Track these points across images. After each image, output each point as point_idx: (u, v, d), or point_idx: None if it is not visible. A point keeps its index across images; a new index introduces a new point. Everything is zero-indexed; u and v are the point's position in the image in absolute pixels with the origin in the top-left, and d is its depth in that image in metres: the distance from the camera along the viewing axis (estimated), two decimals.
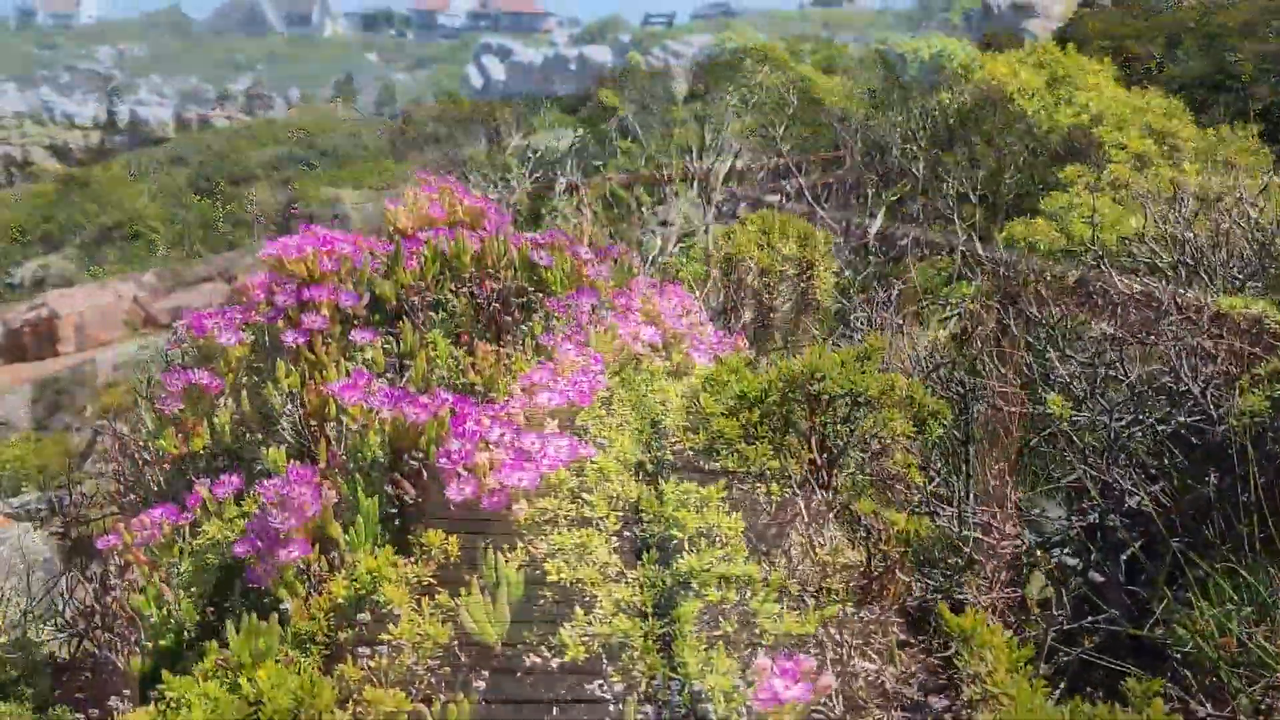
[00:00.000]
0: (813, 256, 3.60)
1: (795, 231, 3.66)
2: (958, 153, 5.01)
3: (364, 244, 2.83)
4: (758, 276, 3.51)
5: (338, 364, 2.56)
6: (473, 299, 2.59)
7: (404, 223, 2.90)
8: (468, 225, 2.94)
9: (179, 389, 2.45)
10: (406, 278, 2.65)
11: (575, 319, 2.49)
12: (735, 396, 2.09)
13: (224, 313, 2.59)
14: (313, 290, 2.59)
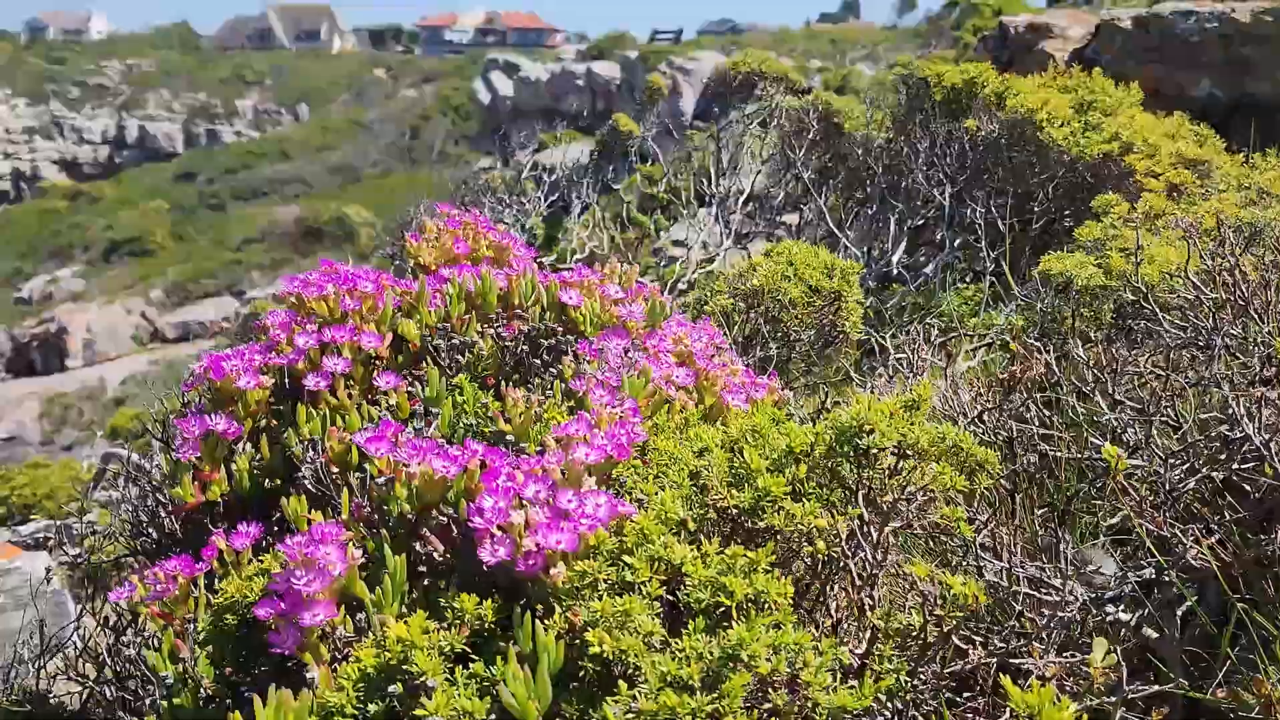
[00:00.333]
0: (841, 288, 3.51)
1: (822, 262, 3.57)
2: (985, 181, 4.91)
3: (386, 281, 2.74)
4: (786, 309, 3.42)
5: (360, 407, 2.47)
6: (500, 341, 2.50)
7: (426, 258, 2.81)
8: (492, 261, 2.86)
9: (196, 436, 2.36)
10: (431, 318, 2.57)
11: (607, 362, 2.40)
12: (781, 451, 1.99)
13: (243, 354, 2.50)
14: (334, 331, 2.50)
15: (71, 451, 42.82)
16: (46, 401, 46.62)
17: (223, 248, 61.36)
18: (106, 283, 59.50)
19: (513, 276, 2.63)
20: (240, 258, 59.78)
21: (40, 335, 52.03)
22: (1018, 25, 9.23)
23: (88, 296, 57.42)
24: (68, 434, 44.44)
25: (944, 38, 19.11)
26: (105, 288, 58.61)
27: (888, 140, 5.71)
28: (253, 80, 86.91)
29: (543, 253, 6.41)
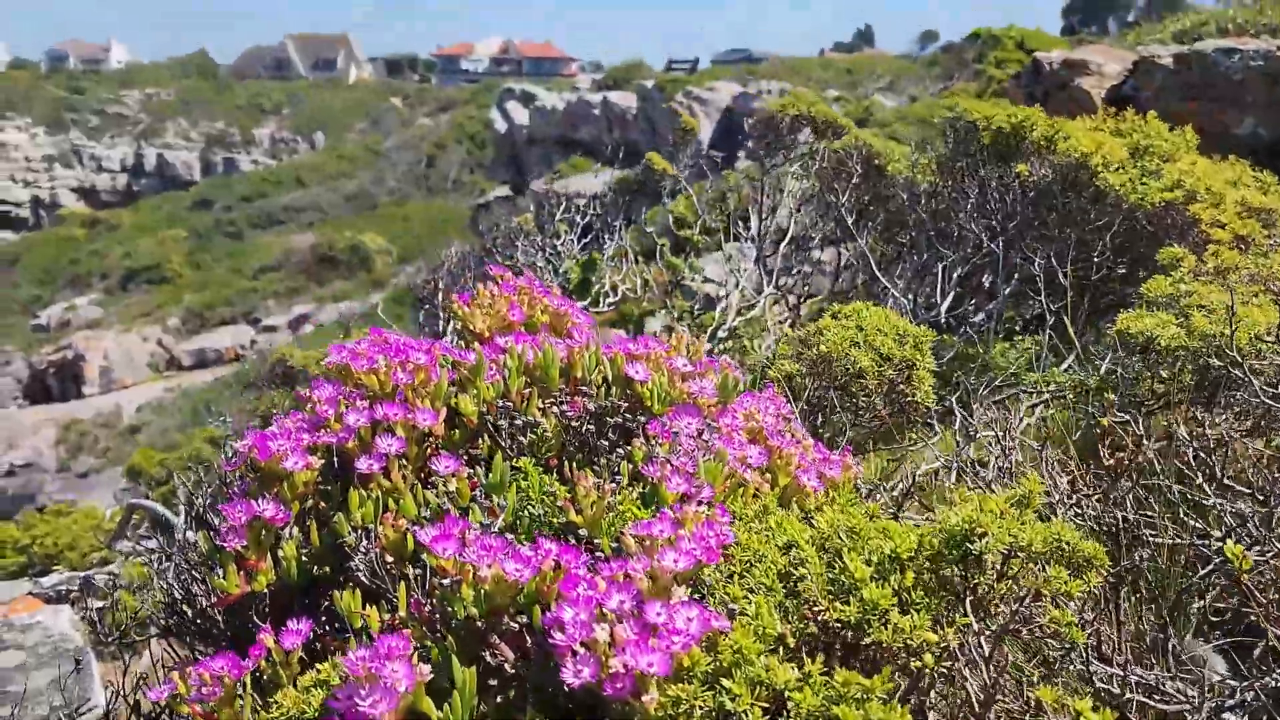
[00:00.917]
0: (913, 356, 3.33)
1: (893, 328, 3.40)
2: (1039, 228, 4.75)
3: (439, 350, 2.59)
4: (855, 379, 3.25)
5: (414, 489, 2.31)
6: (564, 419, 2.34)
7: (480, 325, 2.67)
8: (549, 328, 2.71)
9: (243, 523, 2.21)
10: (489, 393, 2.41)
11: (679, 445, 2.24)
12: (883, 556, 1.82)
13: (289, 432, 2.35)
14: (386, 408, 2.35)
15: (87, 479, 42.84)
16: (63, 429, 46.70)
17: (239, 275, 61.62)
18: (124, 310, 59.79)
19: (574, 349, 2.47)
20: (256, 285, 60.02)
21: (57, 362, 52.25)
22: (1052, 61, 9.09)
23: (105, 324, 57.68)
24: (84, 461, 44.47)
25: (966, 69, 19.01)
26: (122, 315, 58.89)
27: (933, 184, 5.56)
28: (270, 109, 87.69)
29: (577, 296, 6.27)
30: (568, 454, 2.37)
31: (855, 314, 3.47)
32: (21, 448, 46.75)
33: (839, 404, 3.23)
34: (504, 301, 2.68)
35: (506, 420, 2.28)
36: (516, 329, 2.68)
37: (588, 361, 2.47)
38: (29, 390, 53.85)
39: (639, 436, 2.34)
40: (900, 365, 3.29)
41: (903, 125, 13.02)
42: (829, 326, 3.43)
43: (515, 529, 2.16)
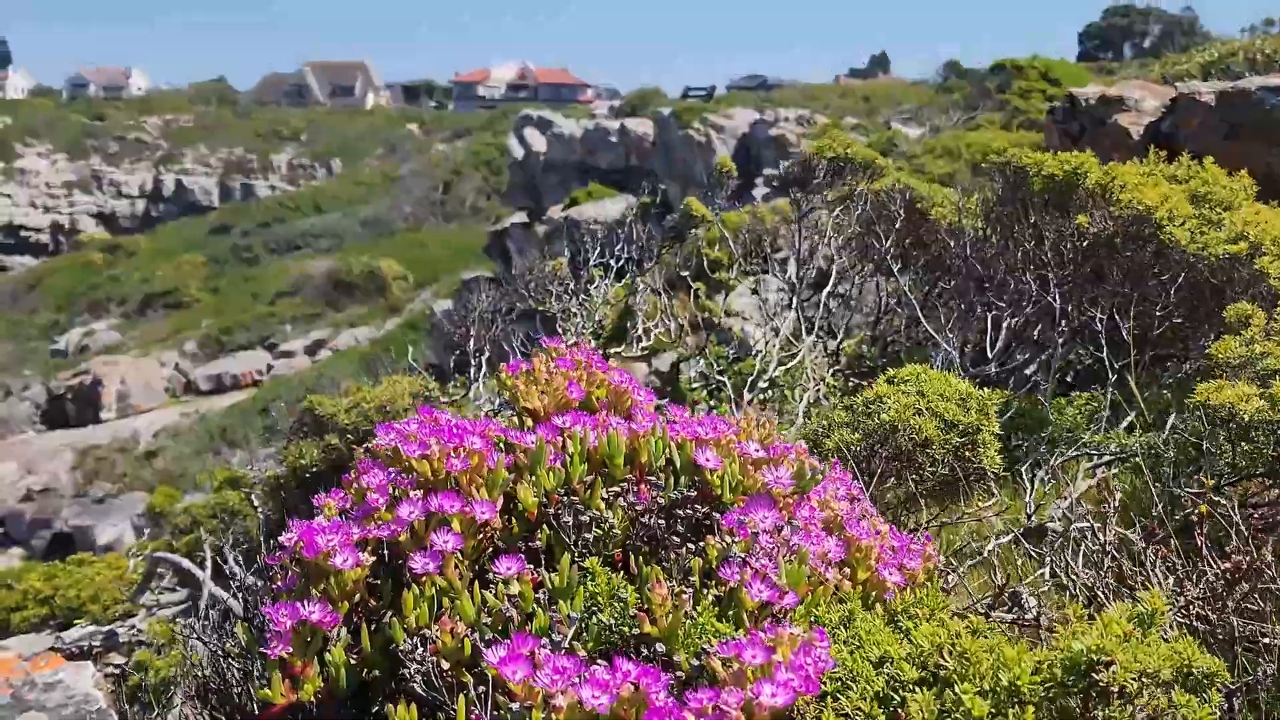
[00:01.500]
0: (979, 422, 3.17)
1: (956, 393, 3.24)
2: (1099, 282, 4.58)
3: (494, 432, 2.44)
4: (920, 449, 3.08)
5: (472, 586, 2.16)
6: (630, 511, 2.19)
7: (536, 403, 2.52)
8: (609, 406, 2.56)
9: (289, 628, 2.05)
10: (549, 481, 2.26)
11: (756, 543, 2.08)
12: (1004, 689, 1.66)
13: (339, 527, 2.20)
14: (442, 499, 2.20)
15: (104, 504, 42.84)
16: (80, 454, 46.78)
17: (256, 301, 61.86)
18: (141, 335, 60.07)
19: (639, 433, 2.32)
20: (273, 311, 60.22)
21: (75, 387, 52.46)
22: (1088, 97, 8.94)
23: (123, 349, 57.94)
24: (100, 486, 44.52)
25: (989, 100, 18.89)
26: (140, 340, 59.15)
27: (982, 231, 5.41)
28: (288, 135, 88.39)
29: (612, 343, 6.15)
30: (634, 548, 2.22)
31: (915, 378, 3.31)
32: (39, 473, 46.87)
33: (903, 475, 3.07)
34: (561, 378, 2.53)
35: (571, 515, 2.13)
36: (573, 407, 2.53)
37: (654, 447, 2.31)
38: (47, 415, 54.07)
39: (711, 532, 2.18)
40: (965, 431, 3.12)
41: (930, 158, 12.90)
42: (888, 393, 3.27)
43: (582, 635, 2.01)
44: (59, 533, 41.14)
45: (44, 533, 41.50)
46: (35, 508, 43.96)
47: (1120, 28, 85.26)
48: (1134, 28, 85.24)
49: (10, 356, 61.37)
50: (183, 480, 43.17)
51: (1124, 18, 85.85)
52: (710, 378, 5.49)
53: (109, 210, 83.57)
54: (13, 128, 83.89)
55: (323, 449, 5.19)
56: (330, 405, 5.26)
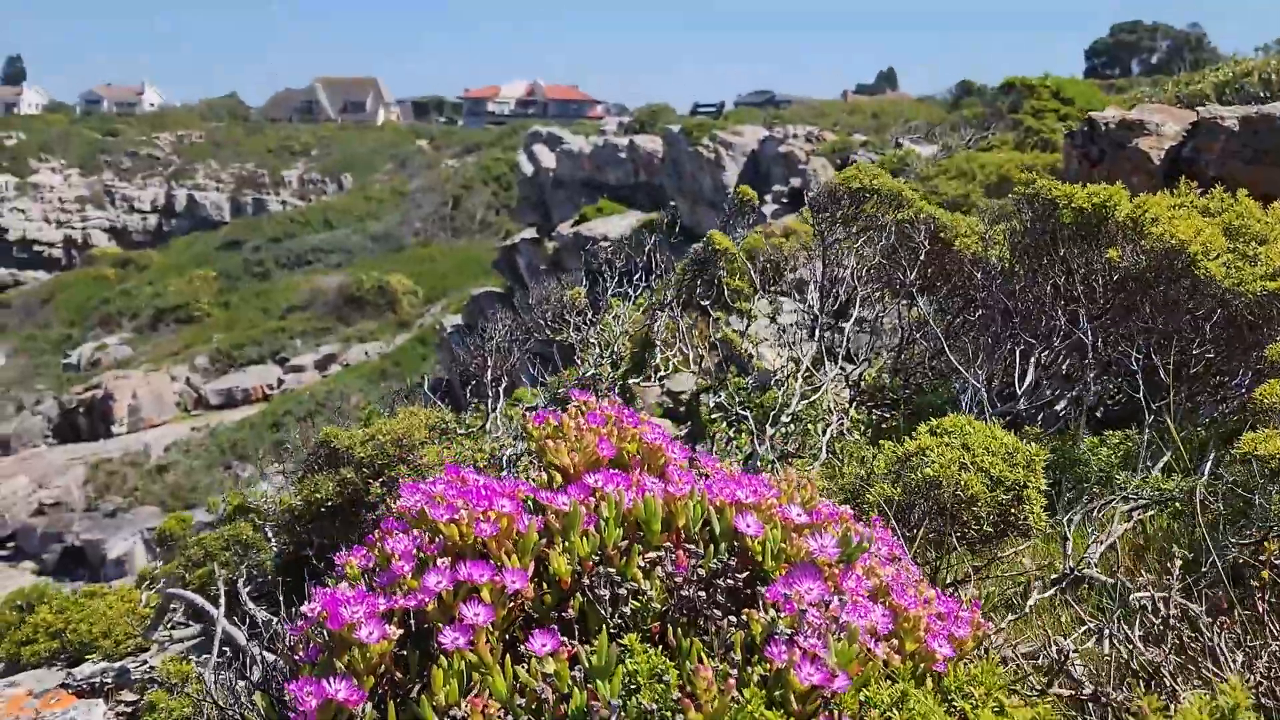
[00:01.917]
0: (1026, 478, 3.06)
1: (1002, 447, 3.13)
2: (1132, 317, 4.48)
3: (523, 491, 2.35)
4: (965, 507, 2.98)
5: (503, 661, 2.07)
6: (669, 581, 2.10)
7: (566, 461, 2.43)
8: (641, 463, 2.47)
9: (313, 709, 1.96)
10: (584, 548, 2.17)
11: (803, 619, 1.98)
12: None
13: (364, 597, 2.11)
14: (471, 568, 2.11)
15: (115, 518, 42.86)
16: (91, 468, 46.85)
17: (267, 315, 62.00)
18: (153, 349, 60.24)
19: (677, 497, 2.23)
20: (284, 325, 60.34)
21: (86, 401, 52.60)
22: (1108, 121, 8.85)
23: (134, 363, 58.10)
24: (111, 500, 44.56)
25: (1001, 119, 18.80)
26: (151, 354, 59.32)
27: (1004, 260, 5.31)
28: (299, 151, 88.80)
29: (631, 374, 6.07)
30: (672, 619, 2.12)
31: (958, 429, 3.19)
32: (50, 487, 46.96)
33: (945, 531, 2.96)
34: (592, 435, 2.44)
35: (608, 587, 2.04)
36: (604, 464, 2.44)
37: (692, 511, 2.22)
38: (59, 429, 54.24)
39: (752, 602, 2.09)
40: (1011, 487, 3.01)
41: (943, 179, 12.82)
42: (930, 445, 3.15)
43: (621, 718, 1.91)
44: (70, 547, 41.21)
45: (55, 546, 41.57)
46: (46, 522, 44.03)
47: (1127, 44, 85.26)
48: (1141, 44, 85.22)
49: (23, 370, 61.63)
50: (193, 495, 43.24)
51: (1131, 34, 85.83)
52: (731, 409, 5.40)
53: (121, 225, 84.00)
54: (27, 143, 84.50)
55: (338, 482, 5.11)
56: (346, 438, 5.19)
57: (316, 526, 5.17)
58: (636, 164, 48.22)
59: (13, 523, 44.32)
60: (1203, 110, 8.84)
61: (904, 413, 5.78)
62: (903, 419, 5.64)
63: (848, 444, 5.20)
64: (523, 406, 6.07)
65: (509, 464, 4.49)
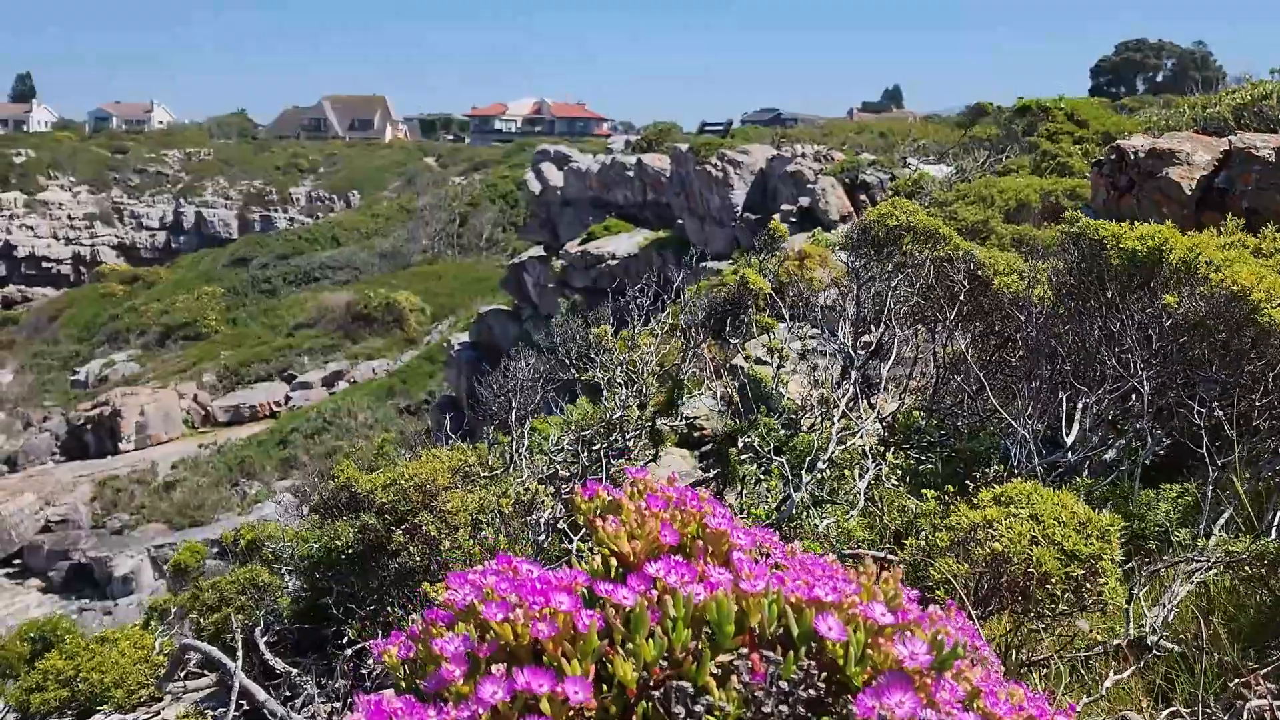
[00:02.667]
0: (1101, 550, 2.88)
1: (1074, 518, 2.95)
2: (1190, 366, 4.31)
3: (580, 584, 2.18)
4: (1038, 585, 2.80)
5: None
6: (746, 691, 1.92)
7: (624, 548, 2.25)
8: (705, 550, 2.30)
9: None
10: (650, 652, 1.99)
11: None
12: None
13: (413, 709, 1.95)
14: (530, 676, 1.94)
15: (121, 535, 42.71)
16: (98, 485, 46.74)
17: (274, 332, 62.00)
18: (161, 366, 60.26)
19: (750, 594, 2.05)
20: (291, 342, 60.32)
21: (94, 418, 52.57)
22: (1137, 150, 8.71)
23: (142, 380, 58.09)
24: (118, 518, 44.44)
25: (1017, 142, 18.67)
26: (159, 371, 59.32)
27: (1052, 303, 5.14)
28: (307, 168, 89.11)
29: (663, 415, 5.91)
30: None
31: (1025, 498, 3.01)
32: (58, 504, 46.90)
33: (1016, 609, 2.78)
34: (654, 520, 2.27)
35: (681, 704, 1.86)
36: (665, 551, 2.27)
37: (768, 611, 2.05)
38: (66, 446, 54.24)
39: (833, 712, 1.91)
40: (1085, 560, 2.83)
41: (962, 205, 12.66)
42: (997, 516, 2.97)
43: None
44: (77, 564, 41.09)
45: (62, 564, 41.48)
46: (53, 539, 43.95)
47: (1133, 62, 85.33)
48: (1146, 62, 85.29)
49: (31, 387, 61.71)
50: (200, 512, 43.10)
51: (1137, 52, 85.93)
52: (761, 452, 5.23)
53: (129, 242, 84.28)
54: (36, 160, 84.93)
55: (359, 529, 4.95)
56: (367, 482, 5.03)
57: (336, 574, 5.00)
58: (644, 182, 48.17)
59: (20, 540, 44.23)
60: (1235, 139, 8.70)
61: (940, 455, 5.61)
62: (940, 462, 5.47)
63: (885, 490, 5.03)
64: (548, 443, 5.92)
65: (549, 529, 4.32)
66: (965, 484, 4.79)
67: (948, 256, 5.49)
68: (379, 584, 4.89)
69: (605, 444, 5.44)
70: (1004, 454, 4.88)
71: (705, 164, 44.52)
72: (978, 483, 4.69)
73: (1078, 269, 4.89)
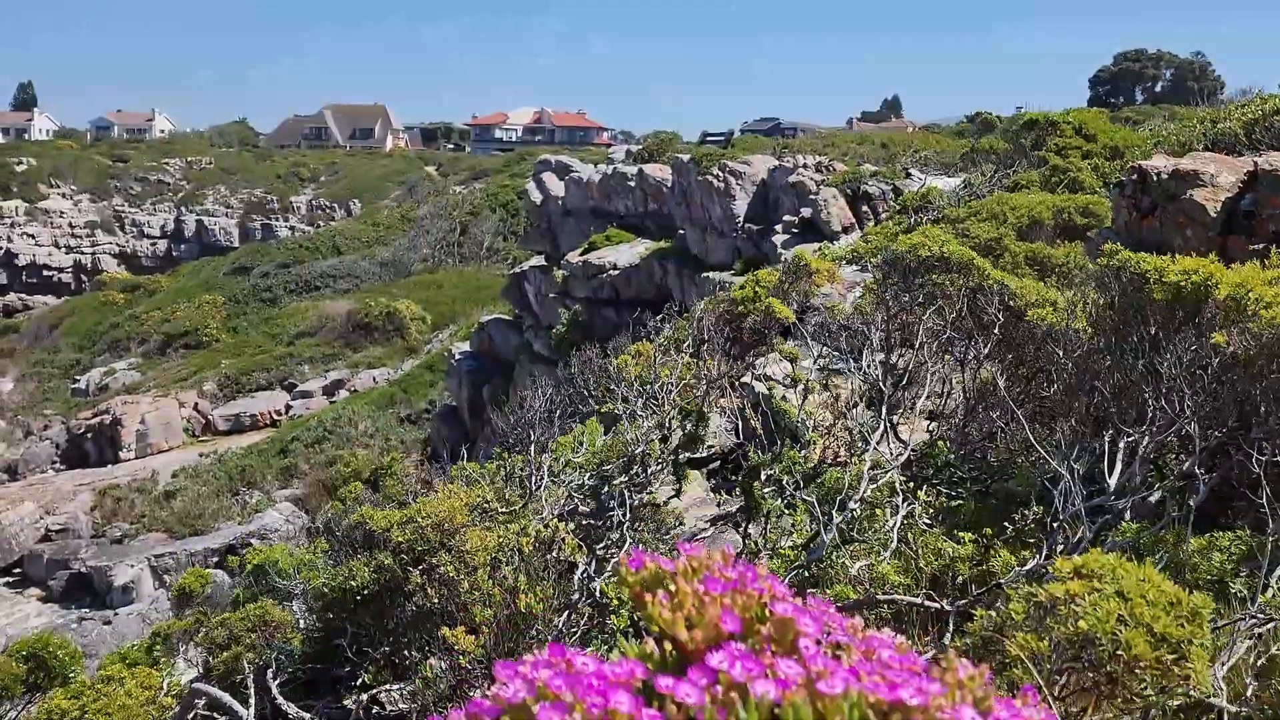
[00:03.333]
0: (1193, 633, 2.71)
1: (1164, 597, 2.77)
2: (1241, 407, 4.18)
3: (638, 677, 2.04)
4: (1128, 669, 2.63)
5: None
6: None
7: (682, 635, 2.11)
8: (770, 639, 2.16)
9: None
10: None
11: None
12: None
13: None
14: None
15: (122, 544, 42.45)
16: (98, 494, 46.52)
17: (275, 341, 61.84)
18: (161, 374, 60.07)
19: (827, 696, 1.91)
20: (292, 351, 60.14)
21: (95, 427, 52.39)
22: (1159, 171, 8.57)
23: (142, 388, 57.89)
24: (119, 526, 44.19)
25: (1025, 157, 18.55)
26: (160, 380, 59.12)
27: (1090, 337, 5.00)
28: (307, 177, 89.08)
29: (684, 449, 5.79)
30: None
31: (1109, 573, 2.83)
32: (58, 513, 46.72)
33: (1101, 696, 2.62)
34: (714, 606, 2.13)
35: None
36: (725, 638, 2.13)
37: (847, 714, 1.90)
38: (67, 455, 54.09)
39: None
40: (1175, 645, 2.65)
41: (974, 222, 12.53)
42: (1079, 592, 2.80)
43: None
44: (77, 573, 40.86)
45: (61, 573, 41.25)
46: (54, 548, 43.72)
47: (1132, 72, 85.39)
48: (1145, 72, 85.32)
49: (31, 396, 61.54)
50: (200, 521, 42.88)
51: (1135, 62, 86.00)
52: (786, 487, 5.09)
53: (130, 250, 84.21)
54: (37, 169, 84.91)
55: (374, 569, 4.80)
56: (382, 519, 4.89)
57: (350, 615, 4.86)
58: (646, 192, 48.07)
59: (20, 549, 44.03)
60: (1261, 161, 8.57)
61: (970, 490, 5.46)
62: (970, 498, 5.32)
63: (916, 529, 4.88)
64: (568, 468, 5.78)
65: (582, 588, 4.16)
66: (1003, 525, 4.64)
67: (979, 286, 5.36)
68: (395, 625, 4.75)
69: (626, 479, 5.29)
70: (1040, 492, 4.74)
71: (707, 174, 44.41)
72: (1017, 525, 4.54)
73: (1117, 303, 4.76)
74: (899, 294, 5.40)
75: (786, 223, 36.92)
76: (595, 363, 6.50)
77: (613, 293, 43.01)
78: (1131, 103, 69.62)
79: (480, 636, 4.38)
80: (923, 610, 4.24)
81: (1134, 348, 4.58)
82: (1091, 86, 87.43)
